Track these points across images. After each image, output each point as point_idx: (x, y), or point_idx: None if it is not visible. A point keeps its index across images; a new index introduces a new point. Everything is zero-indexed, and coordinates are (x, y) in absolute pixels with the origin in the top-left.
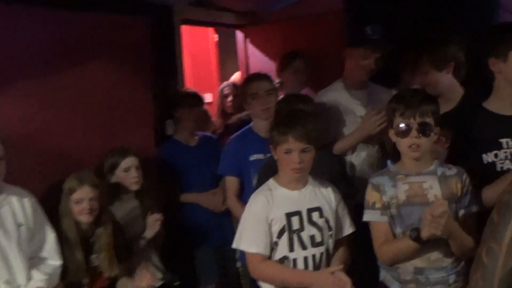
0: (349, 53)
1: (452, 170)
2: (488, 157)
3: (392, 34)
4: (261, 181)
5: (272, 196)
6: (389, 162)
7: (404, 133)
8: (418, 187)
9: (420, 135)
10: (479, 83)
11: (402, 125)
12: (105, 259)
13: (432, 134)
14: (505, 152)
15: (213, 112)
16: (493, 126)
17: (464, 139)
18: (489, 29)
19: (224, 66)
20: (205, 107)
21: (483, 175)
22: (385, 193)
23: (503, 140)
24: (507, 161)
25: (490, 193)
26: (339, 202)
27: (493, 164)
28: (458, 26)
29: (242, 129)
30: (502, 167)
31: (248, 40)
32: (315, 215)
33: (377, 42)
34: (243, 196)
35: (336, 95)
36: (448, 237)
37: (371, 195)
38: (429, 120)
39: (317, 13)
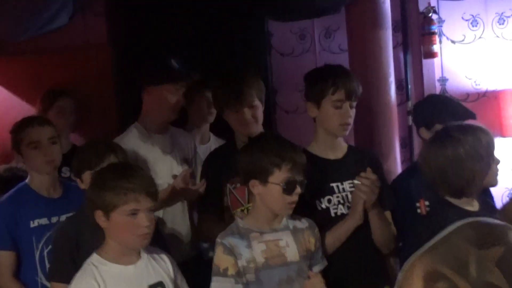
0: (152, 91)
1: (303, 222)
2: (322, 203)
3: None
4: (62, 255)
5: (101, 277)
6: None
7: (291, 190)
8: (275, 246)
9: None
10: None
11: (290, 181)
12: None
13: None
14: (338, 196)
15: None
16: (322, 171)
17: None
18: (307, 74)
19: None
20: None
21: (319, 222)
22: (240, 256)
23: (334, 185)
24: (340, 206)
25: (330, 241)
26: (177, 272)
27: (327, 210)
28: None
29: (14, 188)
30: (336, 213)
31: None
32: None
33: (183, 75)
34: (22, 274)
35: (134, 142)
36: None
37: (222, 259)
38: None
39: (77, 45)
